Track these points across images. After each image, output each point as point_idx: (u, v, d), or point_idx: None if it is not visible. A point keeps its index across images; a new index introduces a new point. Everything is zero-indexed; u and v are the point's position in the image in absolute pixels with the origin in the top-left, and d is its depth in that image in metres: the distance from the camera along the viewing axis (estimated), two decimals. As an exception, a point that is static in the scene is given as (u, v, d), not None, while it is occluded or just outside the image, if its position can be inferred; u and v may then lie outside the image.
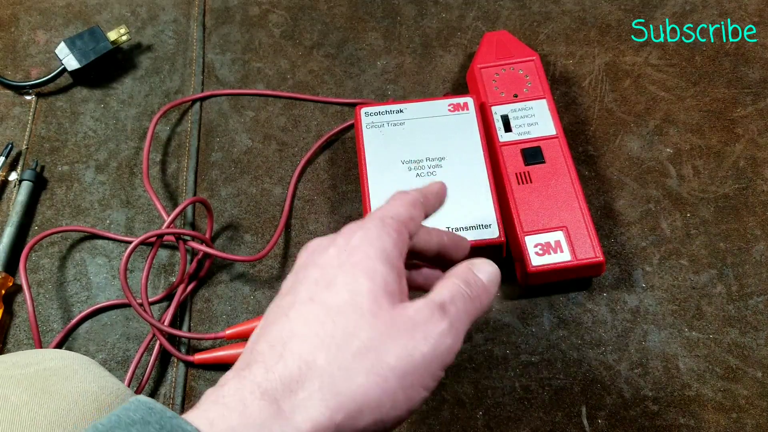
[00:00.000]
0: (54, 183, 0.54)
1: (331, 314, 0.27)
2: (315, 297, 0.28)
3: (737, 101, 0.54)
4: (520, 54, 0.53)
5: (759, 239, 0.49)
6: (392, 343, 0.27)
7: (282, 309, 0.29)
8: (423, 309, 0.28)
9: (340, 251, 0.30)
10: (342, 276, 0.28)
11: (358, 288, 0.28)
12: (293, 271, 0.31)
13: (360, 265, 0.29)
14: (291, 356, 0.26)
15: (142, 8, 0.62)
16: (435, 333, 0.28)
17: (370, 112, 0.50)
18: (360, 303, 0.28)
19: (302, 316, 0.28)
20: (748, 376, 0.44)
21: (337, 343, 0.27)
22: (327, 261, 0.30)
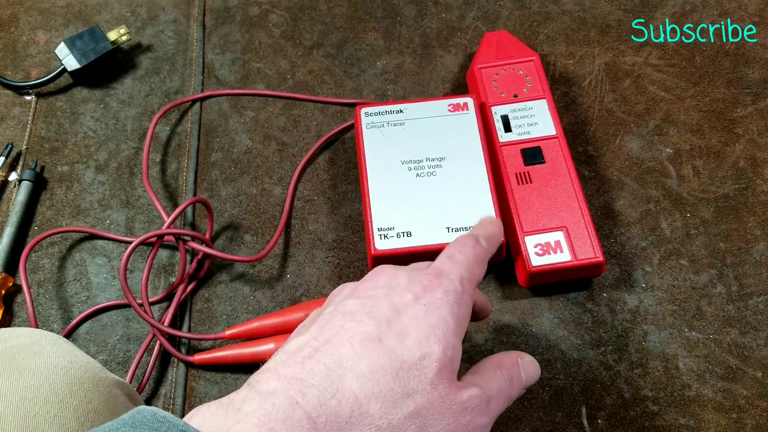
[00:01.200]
0: (54, 183, 0.54)
1: (396, 367, 0.27)
2: (384, 340, 0.28)
3: (737, 101, 0.54)
4: (520, 54, 0.53)
5: (759, 239, 0.49)
6: (440, 419, 0.28)
7: (344, 329, 0.28)
8: (474, 399, 0.29)
9: (418, 302, 0.30)
10: (416, 332, 0.28)
11: (429, 352, 0.28)
12: (356, 287, 0.31)
13: (437, 330, 0.29)
14: (348, 394, 0.26)
15: (142, 8, 0.62)
16: (477, 425, 0.29)
17: (370, 112, 0.50)
18: (426, 369, 0.28)
19: (367, 354, 0.27)
20: (748, 376, 0.44)
21: (394, 400, 0.27)
22: (401, 304, 0.29)
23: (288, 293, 0.49)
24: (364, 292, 0.30)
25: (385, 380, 0.27)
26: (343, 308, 0.30)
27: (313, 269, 0.49)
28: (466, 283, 0.32)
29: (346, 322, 0.29)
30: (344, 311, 0.29)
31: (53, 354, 0.33)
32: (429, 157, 0.48)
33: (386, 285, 0.30)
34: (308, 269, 0.49)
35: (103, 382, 0.34)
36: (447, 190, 0.46)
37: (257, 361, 0.44)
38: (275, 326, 0.45)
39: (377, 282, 0.31)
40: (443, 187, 0.47)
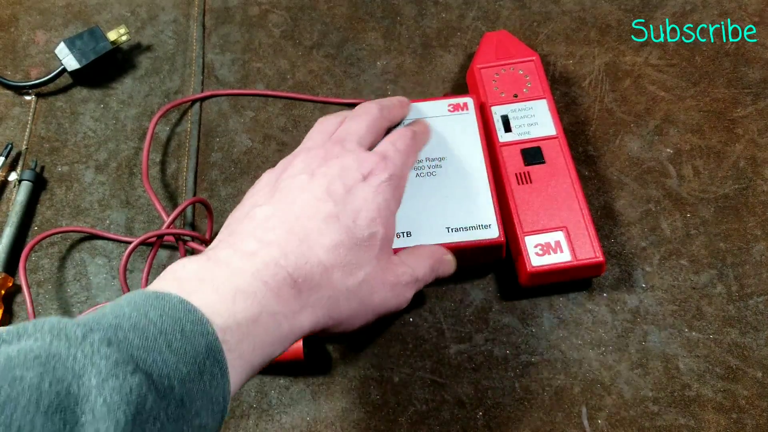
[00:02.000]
0: (54, 183, 0.54)
1: (352, 243, 0.33)
2: (341, 218, 0.33)
3: (737, 101, 0.54)
4: (520, 54, 0.53)
5: (759, 239, 0.49)
6: (380, 288, 0.35)
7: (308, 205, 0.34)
8: (407, 276, 0.37)
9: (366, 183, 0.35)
10: (365, 213, 0.34)
11: (375, 232, 0.34)
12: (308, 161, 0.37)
13: (381, 212, 0.35)
14: (317, 262, 0.32)
15: (142, 8, 0.62)
16: (404, 296, 0.37)
17: None
18: (373, 245, 0.34)
19: (329, 230, 0.33)
20: (748, 376, 0.44)
21: (351, 270, 0.33)
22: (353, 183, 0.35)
23: (288, 293, 0.48)
24: (318, 169, 0.36)
25: (344, 253, 0.33)
26: (300, 183, 0.35)
27: (313, 269, 0.49)
28: (406, 170, 0.39)
29: (306, 198, 0.34)
30: (302, 187, 0.35)
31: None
32: (429, 157, 0.48)
33: (338, 165, 0.36)
34: (308, 269, 0.49)
35: None
36: (447, 190, 0.46)
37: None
38: (275, 326, 0.45)
39: (328, 161, 0.36)
40: (443, 187, 0.46)
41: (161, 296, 0.27)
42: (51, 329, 0.24)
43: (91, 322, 0.25)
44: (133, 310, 0.25)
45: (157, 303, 0.26)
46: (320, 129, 0.41)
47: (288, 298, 0.30)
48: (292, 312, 0.30)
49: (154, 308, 0.26)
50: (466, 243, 0.44)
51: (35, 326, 0.24)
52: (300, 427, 0.44)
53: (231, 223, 0.35)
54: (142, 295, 0.27)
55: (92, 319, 0.25)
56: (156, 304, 0.26)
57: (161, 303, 0.26)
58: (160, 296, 0.27)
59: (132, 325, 0.25)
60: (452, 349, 0.46)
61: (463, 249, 0.44)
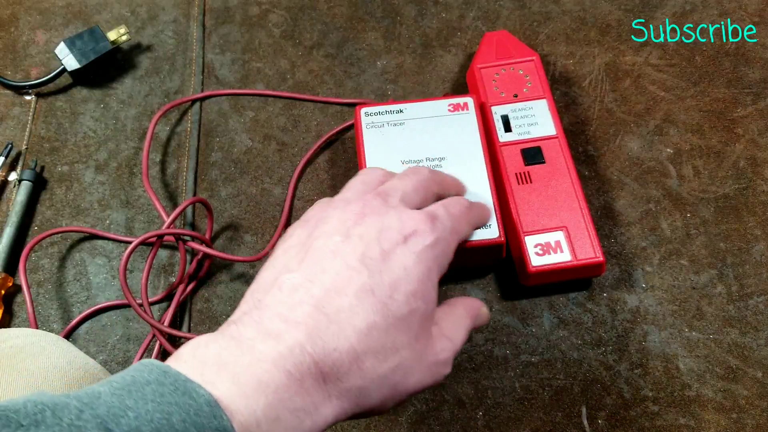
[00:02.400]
0: (54, 183, 0.54)
1: (387, 324, 0.29)
2: (377, 292, 0.29)
3: (737, 101, 0.54)
4: (520, 54, 0.53)
5: (759, 239, 0.49)
6: (417, 370, 0.30)
7: (339, 276, 0.29)
8: (446, 351, 0.32)
9: (407, 247, 0.30)
10: (404, 287, 0.30)
11: (416, 308, 0.30)
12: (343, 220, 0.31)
13: (423, 285, 0.30)
14: (348, 348, 0.28)
15: (142, 8, 0.62)
16: (443, 374, 0.32)
17: (370, 112, 0.50)
18: (412, 324, 0.30)
19: (363, 307, 0.29)
20: (748, 376, 0.44)
21: (385, 355, 0.29)
22: (391, 248, 0.30)
23: (288, 293, 0.48)
24: (354, 228, 0.31)
25: (377, 335, 0.29)
26: (333, 246, 0.30)
27: (313, 269, 0.49)
28: (455, 235, 0.33)
29: (339, 266, 0.29)
30: (335, 251, 0.30)
31: (52, 355, 0.33)
32: (429, 157, 0.48)
33: (377, 225, 0.31)
34: (308, 269, 0.49)
35: None
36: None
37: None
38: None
39: (366, 219, 0.31)
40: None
41: (189, 392, 0.25)
42: (70, 426, 0.22)
43: (110, 419, 0.23)
44: (156, 409, 0.24)
45: (184, 403, 0.24)
46: (362, 179, 0.36)
47: (312, 390, 0.27)
48: (315, 406, 0.27)
49: (179, 410, 0.24)
50: (466, 243, 0.44)
51: (54, 415, 0.22)
52: (300, 427, 0.44)
53: (259, 286, 0.31)
54: (167, 384, 0.25)
55: (113, 414, 0.23)
56: (184, 404, 0.24)
57: (189, 403, 0.24)
58: (188, 390, 0.25)
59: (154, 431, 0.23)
60: (452, 349, 0.46)
61: (464, 249, 0.44)
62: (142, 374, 0.25)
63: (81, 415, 0.23)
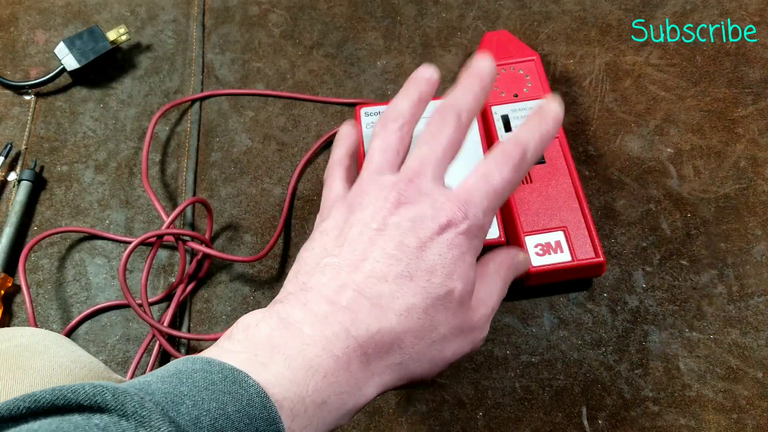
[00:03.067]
0: (53, 183, 0.54)
1: (426, 305, 0.30)
2: (415, 277, 0.31)
3: (738, 101, 0.54)
4: (521, 54, 0.53)
5: (760, 239, 0.49)
6: (455, 340, 0.32)
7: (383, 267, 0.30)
8: (484, 318, 0.34)
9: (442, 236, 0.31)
10: (441, 269, 0.31)
11: (452, 289, 0.31)
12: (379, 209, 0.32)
13: (458, 266, 0.32)
14: (389, 330, 0.30)
15: (142, 8, 0.62)
16: (479, 339, 0.34)
17: (371, 112, 0.50)
18: (450, 303, 0.31)
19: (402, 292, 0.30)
20: (748, 376, 0.44)
21: (424, 333, 0.30)
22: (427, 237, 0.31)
23: (288, 293, 0.48)
24: (390, 217, 0.32)
25: (417, 316, 0.30)
26: (371, 234, 0.31)
27: (312, 269, 0.49)
28: (490, 215, 0.33)
29: (379, 254, 0.31)
30: (372, 238, 0.31)
31: (57, 354, 0.33)
32: None
33: (411, 216, 0.32)
34: (308, 269, 0.49)
35: None
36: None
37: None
38: (275, 326, 0.45)
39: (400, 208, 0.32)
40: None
41: (240, 380, 0.25)
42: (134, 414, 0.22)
43: (170, 407, 0.23)
44: (213, 399, 0.24)
45: (236, 392, 0.25)
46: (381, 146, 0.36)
47: (356, 371, 0.29)
48: (359, 386, 0.29)
49: (233, 400, 0.24)
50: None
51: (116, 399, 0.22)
52: (300, 427, 0.44)
53: (301, 267, 0.32)
54: (221, 373, 0.25)
55: (171, 402, 0.24)
56: (236, 393, 0.25)
57: (241, 393, 0.25)
58: (239, 380, 0.25)
59: (211, 422, 0.24)
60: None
61: None
62: (185, 364, 0.26)
63: (143, 403, 0.22)
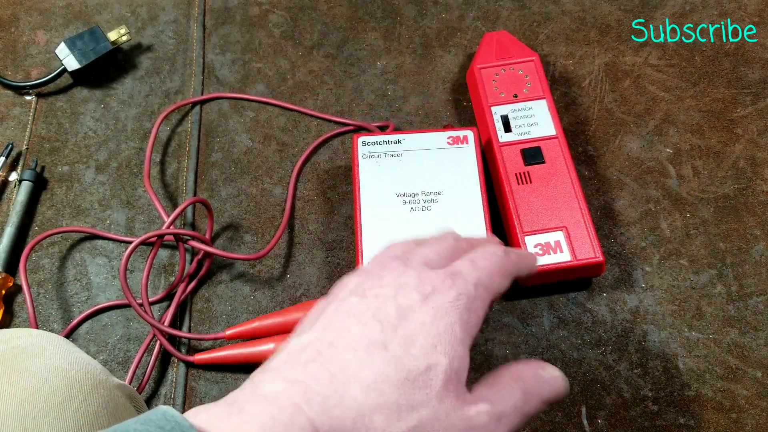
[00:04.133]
0: (54, 183, 0.54)
1: (401, 378, 0.26)
2: (390, 347, 0.27)
3: (737, 101, 0.54)
4: (520, 54, 0.53)
5: (758, 239, 0.49)
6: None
7: (348, 332, 0.27)
8: (483, 416, 0.28)
9: (426, 304, 0.28)
10: (422, 341, 0.27)
11: (435, 363, 0.27)
12: (361, 282, 0.29)
13: (443, 338, 0.27)
14: (351, 405, 0.25)
15: (142, 8, 0.62)
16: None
17: (367, 142, 0.49)
18: (432, 381, 0.27)
19: (372, 361, 0.26)
20: (747, 376, 0.44)
21: (399, 413, 0.26)
22: (409, 306, 0.28)
23: (288, 293, 0.49)
24: (371, 289, 0.29)
25: (389, 391, 0.26)
26: (348, 307, 0.28)
27: (313, 269, 0.49)
28: (482, 290, 0.29)
29: (351, 324, 0.27)
30: (349, 311, 0.28)
31: (53, 356, 0.33)
32: (425, 191, 0.46)
33: (394, 284, 0.29)
34: (308, 269, 0.49)
35: (103, 384, 0.34)
36: (441, 226, 0.44)
37: (257, 361, 0.44)
38: (275, 326, 0.45)
39: (384, 279, 0.29)
40: (438, 223, 0.45)
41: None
42: None
43: None
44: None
45: None
46: (386, 252, 0.33)
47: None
48: None
49: None
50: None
51: None
52: (300, 426, 0.44)
53: (273, 355, 0.29)
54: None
55: None
56: None
57: None
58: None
59: None
60: (452, 349, 0.46)
61: None
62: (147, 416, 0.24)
63: None
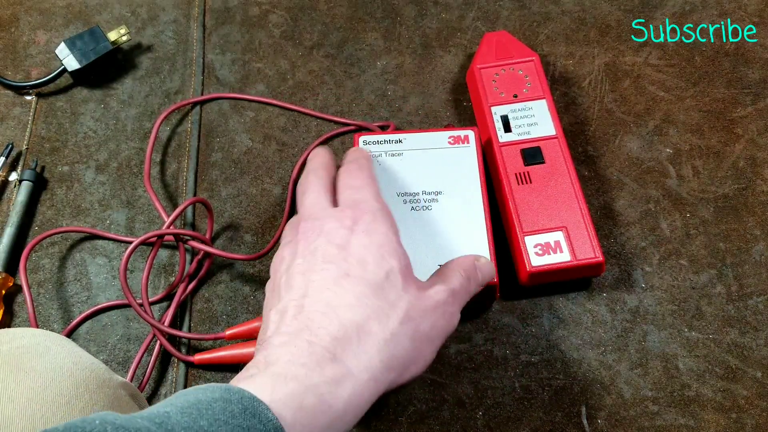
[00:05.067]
0: (54, 183, 0.54)
1: (373, 289, 0.32)
2: (351, 273, 0.32)
3: (737, 101, 0.54)
4: (520, 54, 0.53)
5: (758, 239, 0.49)
6: (423, 316, 0.33)
7: (317, 283, 0.32)
8: (441, 293, 0.35)
9: (356, 232, 0.34)
10: (371, 257, 0.33)
11: (390, 268, 0.33)
12: (301, 249, 0.34)
13: (385, 247, 0.34)
14: (348, 323, 0.31)
15: (142, 8, 0.62)
16: (450, 312, 0.35)
17: (369, 141, 0.49)
18: (395, 281, 0.33)
19: (345, 289, 0.32)
20: (747, 376, 0.44)
21: (386, 314, 0.32)
22: (343, 240, 0.34)
23: (288, 293, 0.49)
24: (306, 248, 0.34)
25: (370, 302, 0.32)
26: (298, 269, 0.33)
27: (313, 269, 0.49)
28: (378, 196, 0.36)
29: (309, 277, 0.33)
30: (301, 271, 0.33)
31: (58, 355, 0.33)
32: (425, 191, 0.46)
33: (320, 234, 0.34)
34: (308, 269, 0.49)
35: (107, 383, 0.34)
36: (442, 225, 0.45)
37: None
38: (275, 326, 0.45)
39: (310, 238, 0.34)
40: (438, 222, 0.45)
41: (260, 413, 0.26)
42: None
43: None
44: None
45: (255, 427, 0.25)
46: (291, 223, 0.39)
47: (331, 370, 0.29)
48: (337, 381, 0.29)
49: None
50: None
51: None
52: (300, 426, 0.44)
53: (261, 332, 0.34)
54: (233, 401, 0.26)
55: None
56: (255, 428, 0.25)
57: (259, 428, 0.25)
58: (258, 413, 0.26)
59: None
60: (452, 349, 0.46)
61: None
62: (205, 393, 0.26)
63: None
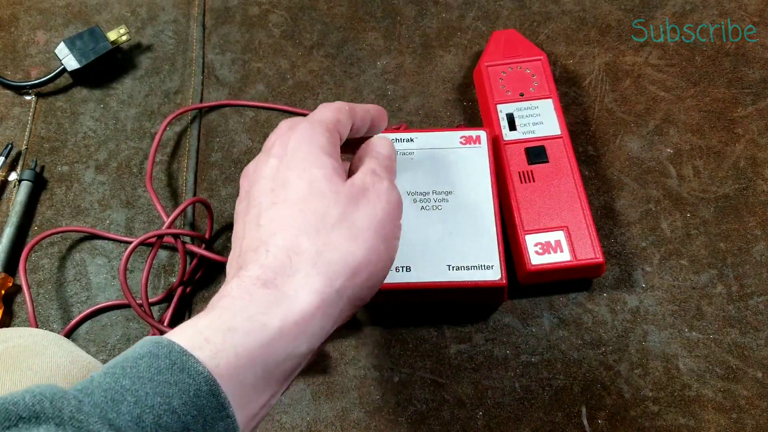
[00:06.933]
0: (54, 183, 0.54)
1: (297, 206, 0.31)
2: (277, 199, 0.31)
3: (737, 101, 0.54)
4: (528, 53, 0.53)
5: (759, 239, 0.49)
6: (357, 209, 0.31)
7: (251, 222, 0.32)
8: (365, 177, 0.33)
9: (282, 157, 0.33)
10: (293, 173, 0.32)
11: (312, 177, 0.31)
12: (243, 196, 0.34)
13: (307, 159, 0.32)
14: (277, 250, 0.30)
15: (142, 8, 0.62)
16: (383, 190, 0.33)
17: None
18: (319, 188, 0.31)
19: (272, 218, 0.31)
20: (748, 376, 0.44)
21: (315, 226, 0.30)
22: (272, 170, 0.33)
23: (288, 293, 0.48)
24: (245, 191, 0.34)
25: (297, 222, 0.30)
26: (239, 216, 0.34)
27: (313, 269, 0.49)
28: (316, 122, 0.34)
29: (245, 217, 0.32)
30: (241, 217, 0.33)
31: (55, 354, 0.33)
32: (436, 191, 0.46)
33: (255, 171, 0.34)
34: (308, 269, 0.49)
35: None
36: (451, 225, 0.44)
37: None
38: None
39: (248, 177, 0.35)
40: (448, 222, 0.44)
41: (188, 367, 0.25)
42: (71, 419, 0.22)
43: (110, 407, 0.23)
44: (157, 393, 0.24)
45: (183, 382, 0.25)
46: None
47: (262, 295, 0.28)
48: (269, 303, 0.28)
49: (179, 392, 0.24)
50: (466, 282, 0.42)
51: (53, 406, 0.22)
52: (300, 427, 0.44)
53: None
54: (169, 358, 0.25)
55: (111, 400, 0.24)
56: (182, 384, 0.24)
57: (188, 383, 0.25)
58: (186, 367, 0.25)
59: (155, 420, 0.24)
60: (452, 349, 0.46)
61: (463, 288, 0.43)
62: (134, 349, 0.26)
63: (81, 407, 0.23)
